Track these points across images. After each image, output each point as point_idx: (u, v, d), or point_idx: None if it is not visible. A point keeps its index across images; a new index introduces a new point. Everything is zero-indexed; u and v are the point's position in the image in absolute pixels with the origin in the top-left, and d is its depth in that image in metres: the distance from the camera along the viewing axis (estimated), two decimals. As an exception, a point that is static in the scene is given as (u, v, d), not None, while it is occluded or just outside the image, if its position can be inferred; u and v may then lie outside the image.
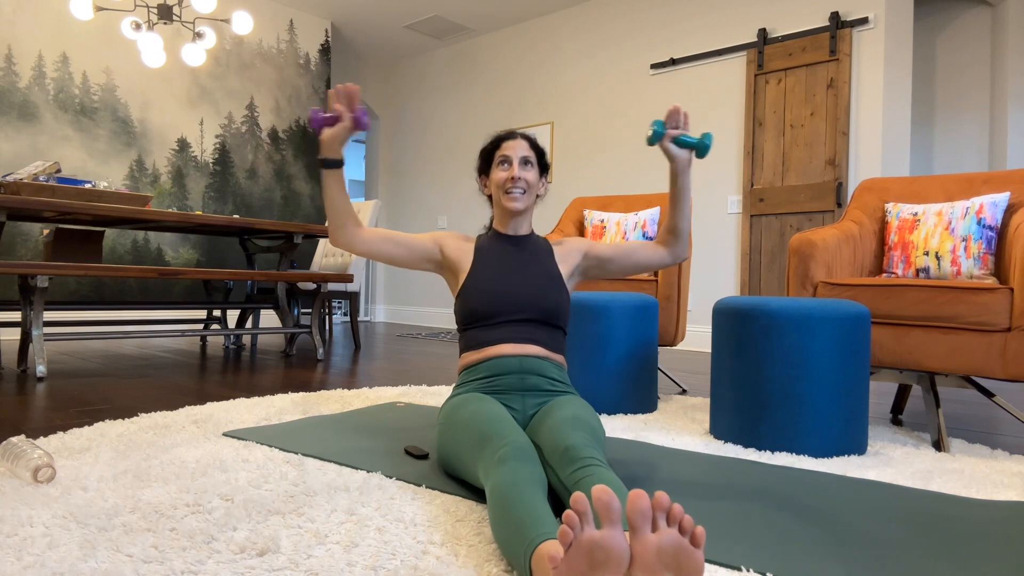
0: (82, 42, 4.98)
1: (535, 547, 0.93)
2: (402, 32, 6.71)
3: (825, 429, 1.84)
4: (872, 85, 4.34)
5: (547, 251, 1.72)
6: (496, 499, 1.07)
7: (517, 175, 1.62)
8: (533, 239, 1.73)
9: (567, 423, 1.32)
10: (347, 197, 1.57)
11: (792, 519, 1.29)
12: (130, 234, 5.19)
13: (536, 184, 1.66)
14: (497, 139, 1.69)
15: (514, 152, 1.63)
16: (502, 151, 1.65)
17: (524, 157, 1.63)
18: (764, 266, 4.74)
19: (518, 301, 1.59)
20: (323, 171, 1.54)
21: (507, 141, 1.66)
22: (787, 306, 1.89)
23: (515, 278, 1.62)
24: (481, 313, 1.60)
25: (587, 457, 1.19)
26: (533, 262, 1.67)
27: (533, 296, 1.60)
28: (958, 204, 2.35)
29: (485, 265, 1.65)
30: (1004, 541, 1.20)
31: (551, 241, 1.77)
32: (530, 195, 1.65)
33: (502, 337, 1.58)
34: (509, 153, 1.63)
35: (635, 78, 5.55)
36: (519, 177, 1.62)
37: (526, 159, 1.64)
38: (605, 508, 0.81)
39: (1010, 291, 1.96)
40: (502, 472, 1.13)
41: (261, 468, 1.54)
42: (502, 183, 1.64)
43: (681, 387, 3.08)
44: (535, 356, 1.57)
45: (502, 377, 1.55)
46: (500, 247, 1.69)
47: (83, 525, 1.16)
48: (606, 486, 0.85)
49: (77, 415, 2.16)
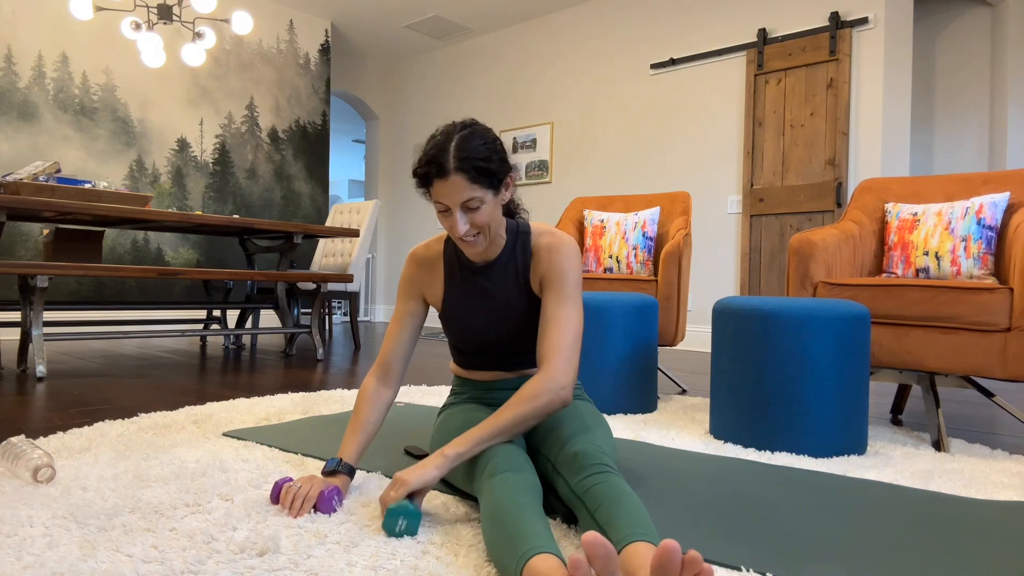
0: (82, 42, 4.98)
1: (526, 562, 0.92)
2: (402, 32, 6.71)
3: (825, 429, 1.84)
4: (872, 85, 4.34)
5: (522, 269, 1.41)
6: (488, 512, 1.06)
7: (461, 230, 1.27)
8: (503, 262, 1.41)
9: (575, 429, 1.29)
10: (368, 438, 1.37)
11: (792, 519, 1.29)
12: (130, 234, 5.19)
13: (492, 211, 1.29)
14: (425, 175, 1.26)
15: (451, 199, 1.25)
16: (436, 195, 1.27)
17: (465, 203, 1.25)
18: (764, 266, 4.74)
19: (488, 340, 1.43)
20: None
21: (438, 182, 1.25)
22: (787, 306, 1.89)
23: (480, 318, 1.42)
24: (462, 348, 1.47)
25: (597, 464, 1.16)
26: (498, 295, 1.41)
27: (500, 335, 1.42)
28: (958, 204, 2.35)
29: (453, 298, 1.44)
30: (1004, 541, 1.20)
31: (538, 244, 1.40)
32: (489, 229, 1.31)
33: (493, 365, 1.48)
34: (444, 201, 1.26)
35: (635, 78, 5.55)
36: (465, 229, 1.27)
37: (468, 204, 1.25)
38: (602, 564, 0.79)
39: (1010, 291, 1.96)
40: (493, 485, 1.11)
41: (261, 468, 1.54)
42: (449, 231, 1.31)
43: (681, 387, 3.08)
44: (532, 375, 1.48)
45: (499, 392, 1.49)
46: (466, 278, 1.43)
47: (83, 525, 1.16)
48: (598, 535, 0.80)
49: (77, 415, 2.16)
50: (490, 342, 1.44)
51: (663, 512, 1.31)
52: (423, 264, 1.46)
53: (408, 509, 1.14)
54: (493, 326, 1.42)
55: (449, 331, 1.48)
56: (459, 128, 1.28)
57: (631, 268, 3.17)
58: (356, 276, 4.44)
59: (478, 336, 1.44)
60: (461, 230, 1.27)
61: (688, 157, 5.20)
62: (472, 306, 1.42)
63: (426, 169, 1.26)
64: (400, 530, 1.14)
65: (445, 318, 1.47)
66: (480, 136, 1.27)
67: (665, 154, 5.34)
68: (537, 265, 1.39)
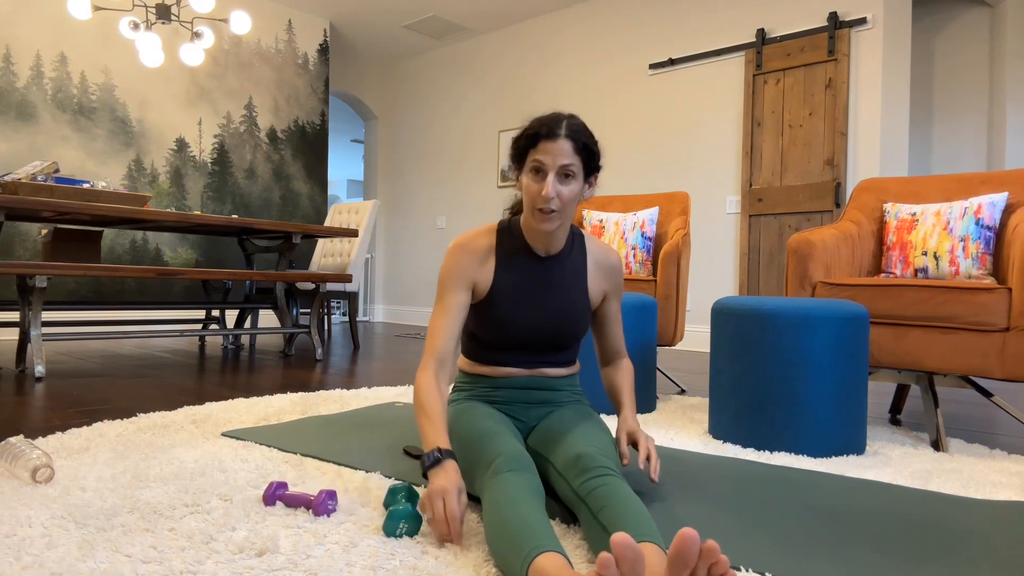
0: (80, 42, 4.97)
1: (531, 560, 0.92)
2: (401, 32, 6.71)
3: (824, 429, 1.84)
4: (870, 85, 4.34)
5: (580, 269, 1.46)
6: (491, 512, 1.06)
7: (550, 194, 1.29)
8: (564, 256, 1.45)
9: (576, 432, 1.30)
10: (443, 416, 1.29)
11: (790, 519, 1.29)
12: (128, 234, 5.18)
13: (578, 195, 1.34)
14: (534, 135, 1.32)
15: (552, 159, 1.29)
16: (537, 154, 1.30)
17: (563, 166, 1.29)
18: (763, 266, 4.74)
19: (535, 332, 1.43)
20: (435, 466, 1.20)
21: (545, 142, 1.30)
22: (786, 306, 1.89)
23: (535, 309, 1.42)
24: (494, 339, 1.44)
25: (600, 466, 1.16)
26: (561, 289, 1.44)
27: (554, 330, 1.43)
28: (956, 204, 2.35)
29: (504, 290, 1.42)
30: (1002, 541, 1.20)
31: (589, 247, 1.49)
32: (567, 211, 1.34)
33: (511, 361, 1.46)
34: (545, 160, 1.29)
35: (634, 78, 5.55)
36: (553, 196, 1.29)
37: (566, 169, 1.30)
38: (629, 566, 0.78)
39: (1008, 291, 1.96)
40: (496, 485, 1.11)
41: (260, 468, 1.54)
42: (533, 196, 1.32)
43: (680, 387, 3.08)
44: (546, 377, 1.48)
45: (506, 391, 1.48)
46: (524, 268, 1.43)
47: (81, 525, 1.16)
48: (628, 536, 0.79)
49: (75, 415, 2.16)
50: (534, 334, 1.43)
51: (662, 512, 1.31)
52: (475, 252, 1.42)
53: (409, 512, 1.14)
54: (547, 317, 1.42)
55: (487, 321, 1.42)
56: (568, 115, 1.36)
57: (630, 268, 3.18)
58: (355, 276, 4.44)
59: (525, 326, 1.42)
60: (551, 192, 1.29)
61: (687, 157, 5.20)
62: (528, 295, 1.42)
63: (537, 129, 1.32)
64: (401, 533, 1.14)
65: (489, 306, 1.42)
66: (586, 127, 1.37)
67: (664, 154, 5.34)
68: (600, 276, 1.50)
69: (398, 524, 1.13)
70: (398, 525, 1.13)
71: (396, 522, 1.13)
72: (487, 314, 1.42)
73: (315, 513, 1.23)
